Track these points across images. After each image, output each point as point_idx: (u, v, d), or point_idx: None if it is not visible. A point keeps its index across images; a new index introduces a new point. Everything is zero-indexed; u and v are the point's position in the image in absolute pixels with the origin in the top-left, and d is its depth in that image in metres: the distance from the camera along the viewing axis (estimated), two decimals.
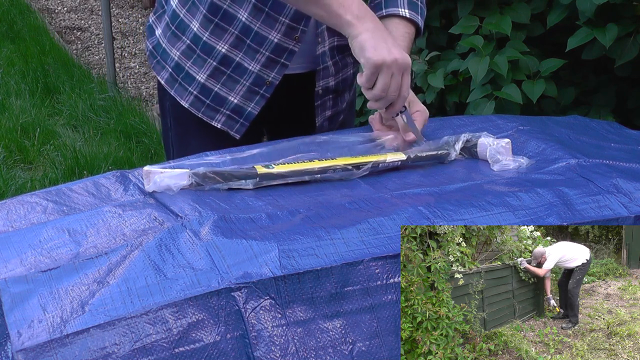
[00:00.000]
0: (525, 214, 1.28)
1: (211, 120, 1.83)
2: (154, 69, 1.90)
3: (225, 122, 1.83)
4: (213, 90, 1.81)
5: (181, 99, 1.85)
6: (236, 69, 1.78)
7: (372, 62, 1.51)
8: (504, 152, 1.50)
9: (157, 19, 1.90)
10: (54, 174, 3.93)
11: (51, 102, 4.86)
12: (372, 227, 1.21)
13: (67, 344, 1.05)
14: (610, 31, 2.17)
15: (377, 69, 1.51)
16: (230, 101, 1.81)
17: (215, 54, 1.78)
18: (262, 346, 1.10)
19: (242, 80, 1.79)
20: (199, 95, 1.83)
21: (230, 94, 1.80)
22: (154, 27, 1.91)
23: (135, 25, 6.51)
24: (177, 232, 1.20)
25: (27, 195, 1.38)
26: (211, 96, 1.82)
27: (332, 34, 1.81)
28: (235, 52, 1.77)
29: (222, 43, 1.77)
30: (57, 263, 1.18)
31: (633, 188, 1.34)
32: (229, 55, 1.77)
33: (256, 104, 1.80)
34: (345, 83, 1.92)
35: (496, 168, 1.48)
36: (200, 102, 1.83)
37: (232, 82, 1.79)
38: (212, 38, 1.77)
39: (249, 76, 1.78)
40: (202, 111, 1.84)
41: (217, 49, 1.78)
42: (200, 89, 1.82)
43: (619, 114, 2.45)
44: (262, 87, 1.79)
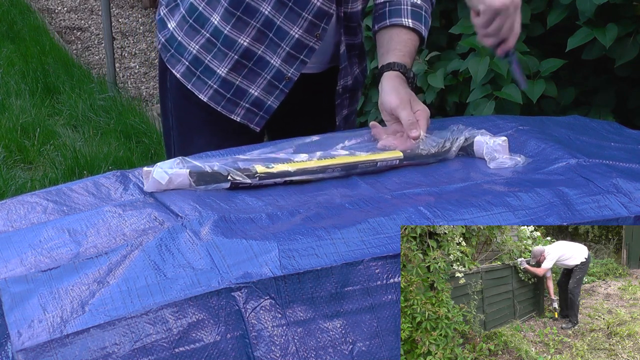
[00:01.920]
0: (525, 214, 1.28)
1: (230, 114, 1.84)
2: (168, 62, 1.88)
3: (245, 115, 1.84)
4: (234, 83, 1.82)
5: (200, 92, 1.84)
6: (258, 62, 1.79)
7: (494, 7, 1.52)
8: (500, 150, 1.50)
9: (170, 12, 1.89)
10: (54, 174, 3.93)
11: (51, 102, 4.86)
12: (372, 227, 1.21)
13: (67, 344, 1.05)
14: (610, 31, 2.17)
15: (497, 12, 1.53)
16: (251, 94, 1.81)
17: (236, 48, 1.78)
18: (262, 346, 1.10)
19: (263, 74, 1.80)
20: (219, 89, 1.83)
21: (252, 86, 1.81)
22: (165, 20, 1.89)
23: (135, 25, 6.51)
24: (177, 232, 1.20)
25: (27, 195, 1.38)
26: (232, 90, 1.82)
27: (347, 34, 1.84)
28: (258, 45, 1.78)
29: (244, 36, 1.77)
30: (57, 263, 1.18)
31: (633, 188, 1.34)
32: (251, 48, 1.78)
33: (276, 98, 1.81)
34: (357, 81, 1.94)
35: (492, 166, 1.48)
36: (220, 96, 1.83)
37: (254, 75, 1.80)
38: (233, 31, 1.78)
39: (270, 70, 1.79)
40: (222, 105, 1.84)
41: (238, 42, 1.78)
42: (221, 83, 1.82)
43: (619, 114, 2.45)
44: (282, 82, 1.80)
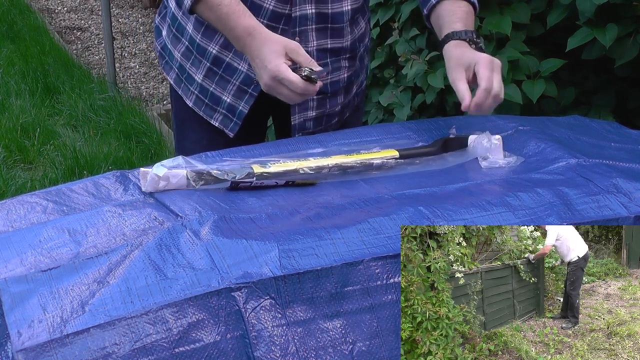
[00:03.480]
0: (525, 214, 1.28)
1: (210, 118, 1.88)
2: (164, 69, 1.95)
3: (222, 120, 1.87)
4: (209, 90, 1.86)
5: (186, 98, 1.90)
6: (227, 69, 1.82)
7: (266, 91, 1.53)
8: (494, 149, 1.50)
9: (162, 20, 1.96)
10: (54, 174, 3.93)
11: (51, 102, 4.85)
12: (372, 227, 1.21)
13: (67, 344, 1.05)
14: (610, 31, 2.17)
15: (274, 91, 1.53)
16: (224, 100, 1.85)
17: (207, 55, 1.82)
18: (262, 346, 1.10)
19: (232, 80, 1.82)
20: (199, 95, 1.88)
21: (224, 93, 1.84)
22: (160, 27, 1.96)
23: (135, 25, 6.51)
24: (177, 232, 1.20)
25: (27, 195, 1.38)
26: (208, 96, 1.86)
27: (324, 36, 1.80)
28: (226, 52, 1.80)
29: (213, 44, 1.81)
30: (57, 263, 1.18)
31: (633, 188, 1.34)
32: (219, 56, 1.81)
33: (246, 102, 1.83)
34: (337, 86, 1.89)
35: (484, 165, 1.48)
36: (200, 102, 1.88)
37: (224, 82, 1.83)
38: (204, 40, 1.81)
39: (238, 75, 1.81)
40: (202, 110, 1.88)
41: (209, 50, 1.82)
42: (200, 89, 1.87)
43: (619, 114, 2.45)
44: (250, 86, 1.81)
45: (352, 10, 1.82)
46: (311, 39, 1.79)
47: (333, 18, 1.80)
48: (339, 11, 1.80)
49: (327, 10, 1.78)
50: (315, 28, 1.78)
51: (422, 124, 1.69)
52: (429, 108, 2.70)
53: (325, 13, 1.78)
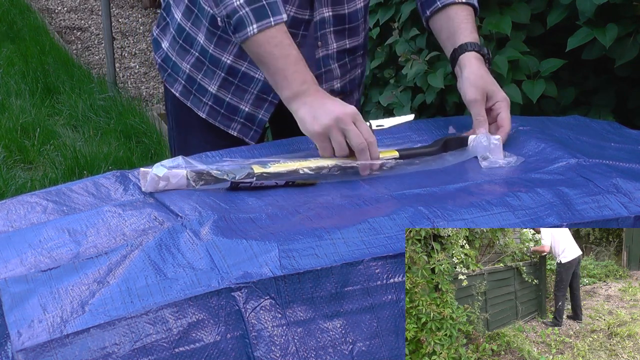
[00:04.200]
0: (525, 214, 1.28)
1: (227, 128, 1.85)
2: (167, 82, 1.91)
3: (240, 130, 1.84)
4: (225, 100, 1.82)
5: (198, 109, 1.86)
6: (243, 78, 1.79)
7: (314, 132, 1.47)
8: (494, 149, 1.50)
9: (162, 32, 1.91)
10: (54, 174, 3.93)
11: (51, 102, 4.86)
12: (372, 227, 1.21)
13: (67, 344, 1.05)
14: (610, 31, 2.17)
15: (324, 135, 1.47)
16: (242, 110, 1.82)
17: (222, 65, 1.79)
18: (262, 346, 1.10)
19: (249, 89, 1.80)
20: (213, 105, 1.84)
21: (241, 103, 1.81)
22: (159, 40, 1.92)
23: (135, 25, 6.51)
24: (177, 232, 1.20)
25: (27, 195, 1.38)
26: (224, 106, 1.83)
27: (342, 37, 1.82)
28: (240, 62, 1.77)
29: (227, 54, 1.78)
30: (57, 263, 1.18)
31: (633, 188, 1.34)
32: (234, 65, 1.78)
33: (266, 110, 1.81)
34: (353, 83, 1.92)
35: (484, 165, 1.48)
36: (215, 112, 1.84)
37: (241, 91, 1.80)
38: (217, 50, 1.78)
39: (255, 84, 1.79)
40: (218, 120, 1.85)
41: (222, 61, 1.78)
42: (214, 100, 1.83)
43: (619, 114, 2.45)
44: (270, 94, 1.78)
45: (364, 6, 1.85)
46: (331, 42, 1.80)
47: (350, 18, 1.81)
48: (354, 10, 1.82)
49: (344, 11, 1.80)
50: (333, 30, 1.80)
51: (422, 124, 1.70)
52: (429, 108, 2.69)
53: (342, 14, 1.80)
